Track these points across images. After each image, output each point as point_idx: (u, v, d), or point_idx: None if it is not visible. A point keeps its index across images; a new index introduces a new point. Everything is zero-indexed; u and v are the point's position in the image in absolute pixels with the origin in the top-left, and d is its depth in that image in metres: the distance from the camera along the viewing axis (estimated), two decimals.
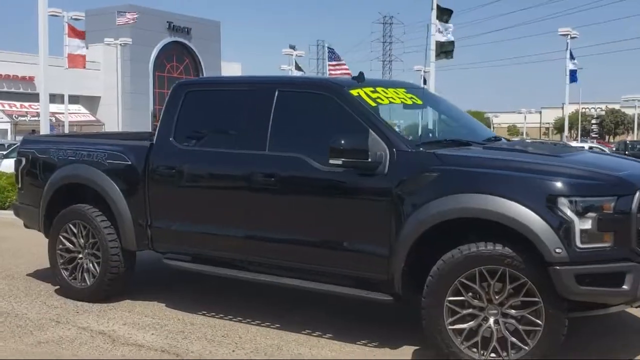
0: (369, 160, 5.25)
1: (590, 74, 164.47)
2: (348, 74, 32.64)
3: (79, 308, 6.64)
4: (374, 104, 5.65)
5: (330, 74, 36.43)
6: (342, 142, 5.22)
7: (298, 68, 45.53)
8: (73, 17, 32.86)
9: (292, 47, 50.24)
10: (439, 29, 24.36)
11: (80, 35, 32.63)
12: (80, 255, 6.91)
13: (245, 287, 6.73)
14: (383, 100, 5.79)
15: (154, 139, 6.52)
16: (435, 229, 5.00)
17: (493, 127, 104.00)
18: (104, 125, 48.89)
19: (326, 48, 40.77)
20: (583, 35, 40.03)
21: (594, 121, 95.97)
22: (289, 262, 5.79)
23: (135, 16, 42.80)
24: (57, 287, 7.23)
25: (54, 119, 21.97)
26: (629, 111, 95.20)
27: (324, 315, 6.34)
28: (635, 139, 64.54)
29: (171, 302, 6.78)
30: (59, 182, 6.97)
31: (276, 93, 5.94)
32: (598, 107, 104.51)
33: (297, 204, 5.71)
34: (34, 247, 9.54)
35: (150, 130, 11.59)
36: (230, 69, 59.70)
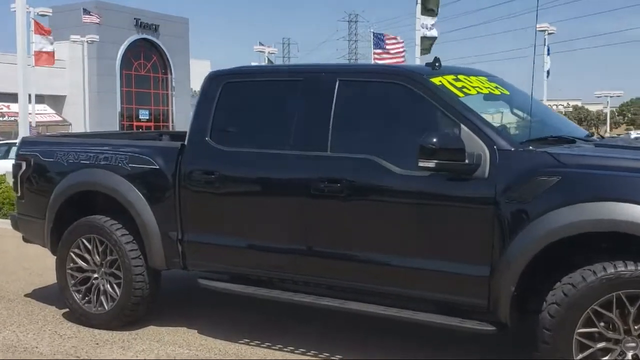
0: (466, 161, 4.36)
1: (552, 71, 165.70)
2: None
3: (98, 338, 5.65)
4: (461, 95, 4.77)
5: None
6: (435, 140, 4.32)
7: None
8: (39, 12, 31.41)
9: (262, 44, 49.24)
10: (424, 24, 23.70)
11: (46, 32, 31.18)
12: (96, 275, 5.91)
13: (291, 310, 5.78)
14: (470, 90, 4.91)
15: (186, 139, 5.55)
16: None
17: None
18: (71, 126, 47.21)
19: (292, 46, 39.43)
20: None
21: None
22: (357, 284, 4.89)
23: (100, 18, 41.57)
24: (65, 310, 6.24)
25: (33, 121, 20.61)
26: (592, 108, 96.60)
27: (399, 342, 5.44)
28: (610, 133, 64.66)
29: (205, 328, 5.83)
30: (69, 189, 5.96)
31: (337, 83, 5.02)
32: (560, 104, 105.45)
33: (370, 215, 4.80)
34: (26, 261, 8.54)
35: (135, 130, 10.46)
36: (200, 66, 58.34)
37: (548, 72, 41.38)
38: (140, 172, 5.62)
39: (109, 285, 5.83)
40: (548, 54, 40.88)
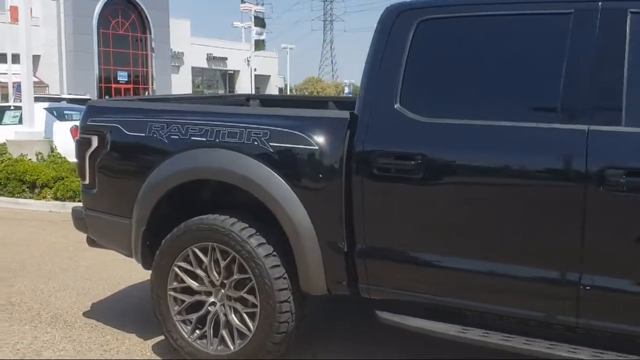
0: None
1: None
2: None
3: None
4: None
5: None
6: None
7: (260, 24, 42.22)
8: None
9: (247, 2, 46.99)
10: None
11: None
12: (213, 300, 4.13)
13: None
14: None
15: (359, 106, 3.76)
16: None
17: None
18: (48, 87, 44.47)
19: (266, 6, 37.38)
20: None
21: None
22: None
23: None
24: (156, 340, 4.49)
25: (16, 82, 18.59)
26: None
27: None
28: None
29: None
30: (174, 178, 4.14)
31: (629, 18, 3.25)
32: None
33: None
34: (56, 256, 6.71)
35: (157, 94, 8.46)
36: (179, 26, 55.60)
37: None
38: (288, 154, 3.82)
39: (234, 316, 4.06)
40: None
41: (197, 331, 4.17)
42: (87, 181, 4.57)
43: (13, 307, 5.37)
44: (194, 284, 4.16)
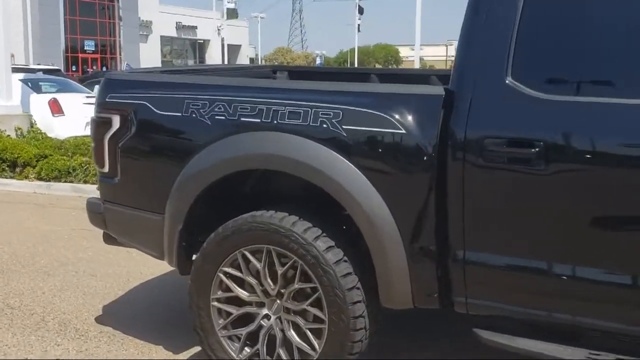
0: None
1: None
2: None
3: None
4: None
5: None
6: None
7: None
8: None
9: None
10: None
11: None
12: (266, 312, 3.46)
13: None
14: None
15: (454, 81, 3.08)
16: None
17: (402, 61, 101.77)
18: (14, 57, 42.90)
19: None
20: None
21: None
22: None
23: None
24: (191, 353, 3.83)
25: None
26: None
27: None
28: None
29: None
30: (221, 167, 3.45)
31: None
32: None
33: None
34: (52, 246, 6.00)
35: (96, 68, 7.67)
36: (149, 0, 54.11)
37: None
38: (367, 140, 3.14)
39: (294, 332, 3.40)
40: None
41: (247, 349, 3.51)
42: (106, 168, 3.84)
43: (13, 312, 4.65)
44: (243, 294, 3.49)
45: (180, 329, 4.09)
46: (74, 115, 12.86)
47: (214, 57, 60.80)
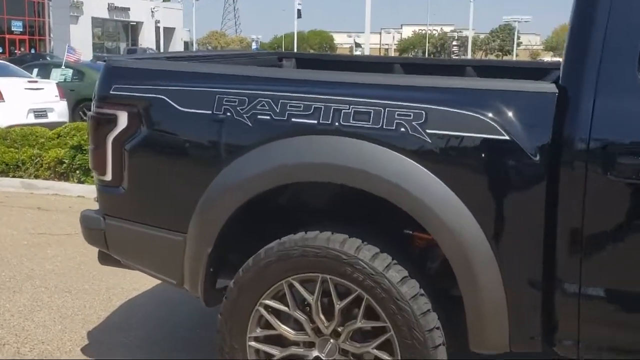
0: None
1: None
2: None
3: None
4: None
5: None
6: None
7: None
8: None
9: None
10: None
11: None
12: (317, 354, 2.83)
13: None
14: None
15: (564, 75, 2.51)
16: None
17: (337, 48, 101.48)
18: None
19: None
20: None
21: (455, 42, 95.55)
22: None
23: None
24: None
25: None
26: (466, 33, 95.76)
27: None
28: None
29: None
30: (266, 179, 2.80)
31: None
32: (434, 30, 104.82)
33: None
34: (14, 258, 5.23)
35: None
36: None
37: None
38: (458, 147, 2.54)
39: None
40: None
41: None
42: (108, 176, 3.13)
43: None
44: (289, 332, 2.85)
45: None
46: (14, 102, 11.83)
47: (147, 39, 59.11)
